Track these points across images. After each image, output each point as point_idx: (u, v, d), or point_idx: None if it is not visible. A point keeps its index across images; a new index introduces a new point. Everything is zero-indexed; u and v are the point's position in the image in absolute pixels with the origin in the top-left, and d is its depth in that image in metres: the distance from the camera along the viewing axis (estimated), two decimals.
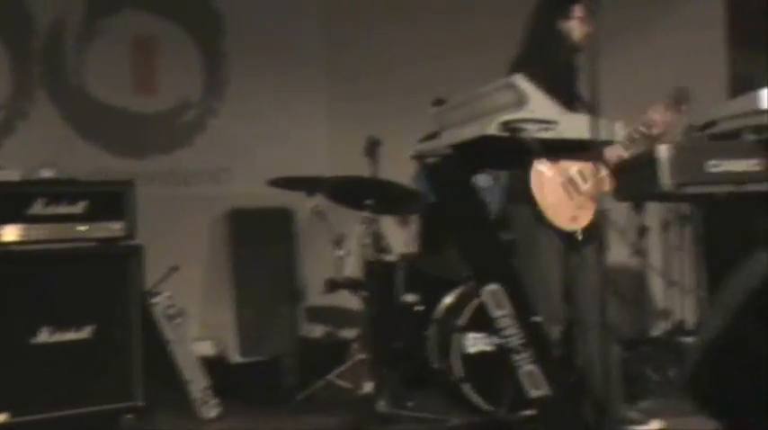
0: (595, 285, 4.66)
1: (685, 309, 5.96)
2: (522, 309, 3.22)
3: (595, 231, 4.69)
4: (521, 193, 4.50)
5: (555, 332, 4.38)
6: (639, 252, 5.95)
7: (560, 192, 4.15)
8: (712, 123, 3.02)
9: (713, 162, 2.84)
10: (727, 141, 2.92)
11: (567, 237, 4.20)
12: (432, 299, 5.26)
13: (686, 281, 5.91)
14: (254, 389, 5.66)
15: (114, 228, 4.80)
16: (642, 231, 5.99)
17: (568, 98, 3.76)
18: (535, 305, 4.60)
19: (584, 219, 4.51)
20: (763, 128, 2.81)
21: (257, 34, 6.99)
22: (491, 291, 3.18)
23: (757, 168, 2.83)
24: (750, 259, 3.62)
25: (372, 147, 5.27)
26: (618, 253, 5.26)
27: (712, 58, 7.09)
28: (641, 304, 6.19)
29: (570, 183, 4.13)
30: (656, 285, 6.21)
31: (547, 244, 4.33)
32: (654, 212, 6.04)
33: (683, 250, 5.95)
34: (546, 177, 4.17)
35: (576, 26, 4.59)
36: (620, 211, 5.72)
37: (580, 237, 4.48)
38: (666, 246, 5.97)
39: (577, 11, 4.59)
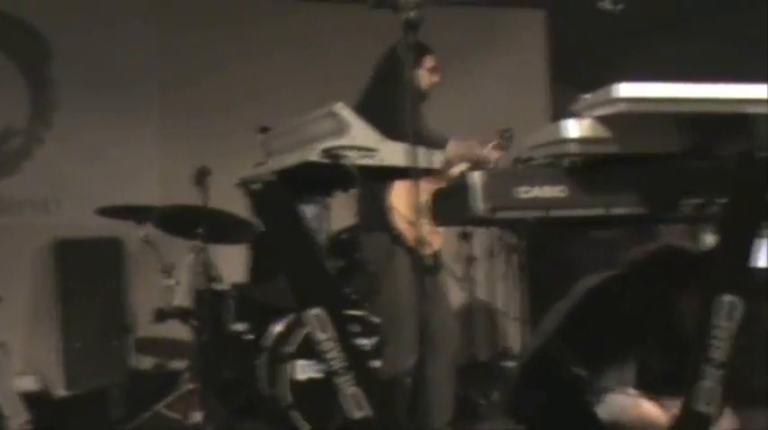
0: (447, 312, 4.89)
1: (510, 335, 6.18)
2: (345, 332, 3.31)
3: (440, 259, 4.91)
4: (375, 220, 4.63)
5: (410, 361, 4.52)
6: (467, 280, 6.15)
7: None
8: (548, 158, 3.15)
9: (523, 188, 2.96)
10: (537, 168, 3.07)
11: (421, 262, 4.33)
12: (262, 327, 5.30)
13: (511, 308, 6.13)
14: (79, 423, 5.57)
15: None
16: (469, 260, 6.20)
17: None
18: (388, 333, 4.78)
19: (436, 243, 4.71)
20: (568, 155, 2.98)
21: (87, 61, 6.92)
22: (315, 315, 3.25)
23: (563, 195, 2.99)
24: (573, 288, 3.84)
25: (202, 177, 5.32)
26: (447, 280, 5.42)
27: (535, 95, 7.44)
28: (469, 330, 6.37)
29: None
30: (483, 312, 6.42)
31: (402, 271, 4.45)
32: (480, 242, 6.26)
33: (509, 278, 6.18)
34: (405, 199, 4.30)
35: (425, 75, 4.82)
36: (448, 240, 5.92)
37: (432, 263, 4.67)
38: (492, 274, 6.19)
39: (428, 61, 4.83)
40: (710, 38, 7.26)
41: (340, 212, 5.18)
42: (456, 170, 4.36)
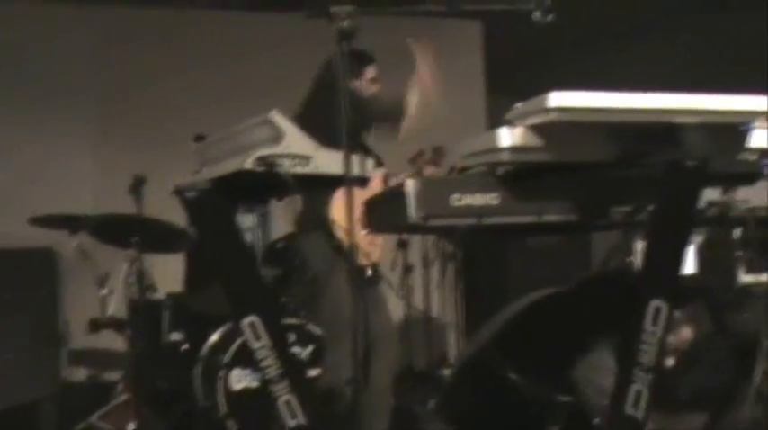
0: (387, 322, 4.91)
1: (447, 344, 6.22)
2: (280, 340, 3.32)
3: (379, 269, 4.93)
4: (317, 223, 4.64)
5: (351, 370, 4.53)
6: (404, 288, 6.17)
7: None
8: (483, 166, 3.19)
9: (456, 196, 3.00)
10: (470, 176, 3.11)
11: (360, 272, 4.36)
12: (198, 336, 5.29)
13: (447, 316, 6.17)
14: None
15: None
16: (406, 269, 6.23)
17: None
18: (329, 342, 4.78)
19: (375, 254, 4.74)
20: (501, 164, 3.02)
21: (18, 64, 6.86)
22: (249, 323, 3.27)
23: (495, 202, 3.04)
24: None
25: (137, 185, 5.29)
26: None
27: (473, 104, 7.52)
28: (406, 339, 6.39)
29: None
30: (419, 320, 6.43)
31: (342, 281, 4.46)
32: (417, 250, 6.29)
33: (445, 287, 6.22)
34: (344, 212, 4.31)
35: (365, 86, 4.83)
36: (385, 249, 5.96)
37: (370, 273, 4.69)
38: (429, 282, 6.22)
39: (368, 72, 4.84)
40: (643, 48, 7.41)
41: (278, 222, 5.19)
42: None
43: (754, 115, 3.12)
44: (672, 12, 7.25)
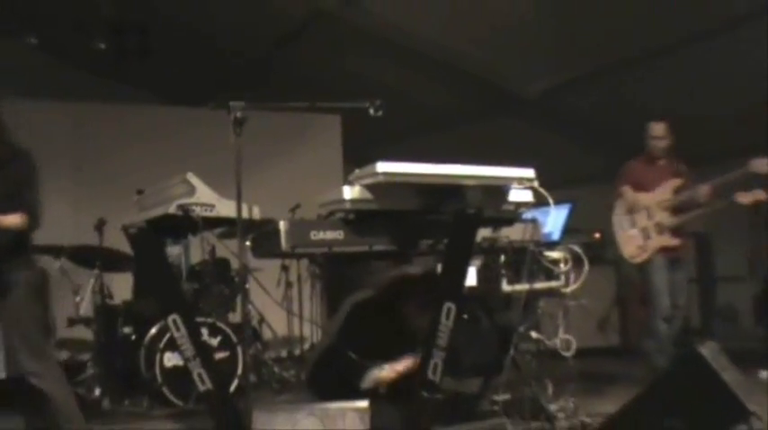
0: None
1: (314, 335, 5.94)
2: (194, 331, 3.09)
3: None
4: None
5: None
6: (286, 300, 5.88)
7: None
8: (333, 212, 3.07)
9: (314, 232, 2.91)
10: (325, 219, 3.02)
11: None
12: (142, 330, 4.96)
13: (315, 317, 5.89)
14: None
15: None
16: (288, 285, 5.96)
17: None
18: None
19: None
20: (344, 211, 2.94)
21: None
22: (172, 319, 3.04)
23: (341, 237, 2.94)
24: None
25: (100, 225, 5.09)
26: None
27: (333, 173, 7.40)
28: (290, 333, 6.11)
29: None
30: (295, 322, 6.11)
31: None
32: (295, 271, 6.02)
33: (314, 298, 5.97)
34: None
35: None
36: (272, 271, 5.72)
37: None
38: (302, 295, 5.95)
39: None
40: (458, 135, 7.47)
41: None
42: None
43: (512, 180, 3.11)
44: (464, 113, 7.35)
